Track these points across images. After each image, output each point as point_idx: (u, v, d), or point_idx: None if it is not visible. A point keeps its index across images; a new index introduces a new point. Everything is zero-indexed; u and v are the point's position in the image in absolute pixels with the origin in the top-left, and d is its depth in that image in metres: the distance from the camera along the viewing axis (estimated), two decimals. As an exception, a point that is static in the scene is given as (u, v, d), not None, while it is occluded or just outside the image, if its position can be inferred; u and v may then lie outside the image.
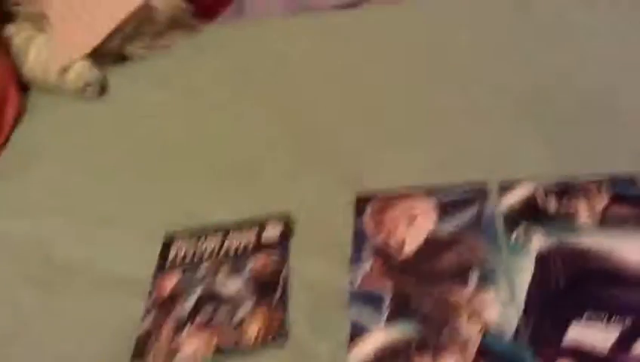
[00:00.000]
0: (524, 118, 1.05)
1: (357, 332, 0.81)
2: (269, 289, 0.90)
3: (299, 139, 1.12)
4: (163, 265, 0.96)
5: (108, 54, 1.36)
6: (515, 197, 0.93)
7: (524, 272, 0.83)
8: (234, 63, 1.33)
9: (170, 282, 0.93)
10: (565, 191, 0.92)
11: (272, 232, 0.96)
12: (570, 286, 0.81)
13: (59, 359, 0.89)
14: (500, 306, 0.80)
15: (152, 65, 1.37)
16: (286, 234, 0.96)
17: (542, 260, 0.84)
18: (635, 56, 1.12)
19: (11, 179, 1.18)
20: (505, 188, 0.95)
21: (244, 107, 1.21)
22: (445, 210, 0.94)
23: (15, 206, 1.14)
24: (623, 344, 0.73)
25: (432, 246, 0.90)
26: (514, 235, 0.88)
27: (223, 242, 0.97)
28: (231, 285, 0.91)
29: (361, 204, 0.98)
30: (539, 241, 0.86)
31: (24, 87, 1.37)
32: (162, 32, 1.39)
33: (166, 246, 0.98)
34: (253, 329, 0.85)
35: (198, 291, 0.91)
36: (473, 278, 0.84)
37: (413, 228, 0.93)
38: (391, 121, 1.12)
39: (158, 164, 1.15)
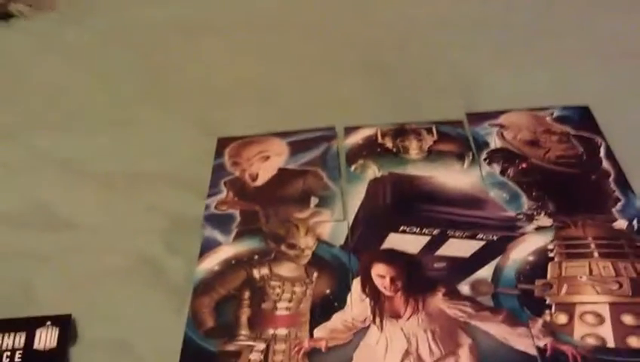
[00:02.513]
0: (369, 73, 1.19)
1: (208, 248, 0.90)
2: None
3: (169, 93, 1.22)
4: None
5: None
6: (357, 138, 1.05)
7: (358, 196, 0.95)
8: (118, 23, 1.41)
9: None
10: (400, 133, 1.05)
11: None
12: (395, 204, 0.93)
13: None
14: (333, 223, 0.91)
15: (36, 24, 1.42)
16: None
17: (373, 185, 0.96)
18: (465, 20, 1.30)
19: None
20: (349, 131, 1.06)
21: (123, 66, 1.30)
22: (296, 149, 1.04)
23: None
24: (429, 248, 0.86)
25: (282, 177, 1.00)
26: (353, 167, 1.00)
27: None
28: None
29: (221, 146, 1.07)
30: (373, 172, 0.98)
31: None
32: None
33: None
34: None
35: None
36: (313, 202, 0.95)
37: (267, 165, 1.03)
38: (250, 74, 1.23)
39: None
